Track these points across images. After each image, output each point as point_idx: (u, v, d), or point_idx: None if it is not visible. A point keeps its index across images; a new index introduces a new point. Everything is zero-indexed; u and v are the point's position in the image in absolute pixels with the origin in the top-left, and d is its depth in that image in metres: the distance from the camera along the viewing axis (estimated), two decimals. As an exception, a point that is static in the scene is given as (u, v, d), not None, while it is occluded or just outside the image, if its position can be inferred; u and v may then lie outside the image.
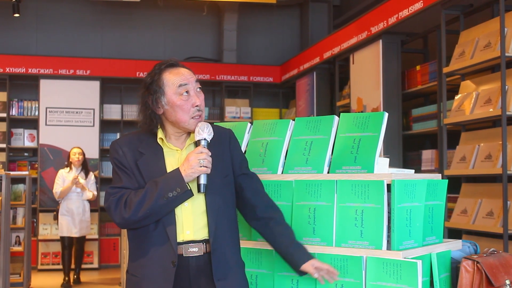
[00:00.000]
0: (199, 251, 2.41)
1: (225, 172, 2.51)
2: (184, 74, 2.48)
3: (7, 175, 6.04)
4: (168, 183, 2.35)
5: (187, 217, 2.42)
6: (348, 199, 2.56)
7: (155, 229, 2.39)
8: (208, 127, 2.44)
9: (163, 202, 2.33)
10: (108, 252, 9.75)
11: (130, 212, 2.35)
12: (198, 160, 2.35)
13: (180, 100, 2.44)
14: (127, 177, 2.44)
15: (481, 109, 5.06)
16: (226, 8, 10.31)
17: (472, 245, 2.80)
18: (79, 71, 9.79)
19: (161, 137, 2.50)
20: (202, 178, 2.37)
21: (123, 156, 2.46)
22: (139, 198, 2.34)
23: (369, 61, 7.17)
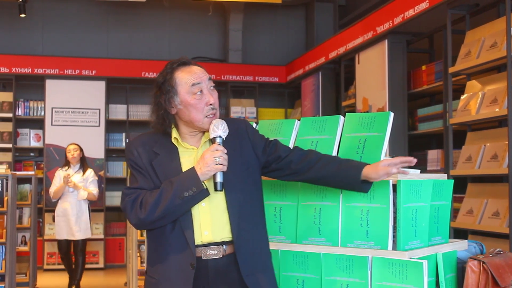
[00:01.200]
0: (218, 254, 2.37)
1: (246, 164, 2.46)
2: (197, 72, 2.45)
3: (13, 175, 6.06)
4: (183, 182, 2.31)
5: (205, 217, 2.38)
6: (353, 199, 2.56)
7: (173, 231, 2.36)
8: (223, 124, 2.40)
9: (179, 202, 2.30)
10: (113, 252, 9.76)
11: (146, 213, 2.32)
12: (213, 158, 2.31)
13: (193, 99, 2.40)
14: (143, 178, 2.42)
15: (487, 109, 5.05)
16: (231, 8, 10.31)
17: (478, 245, 2.79)
18: (85, 71, 9.81)
19: (176, 137, 2.47)
20: (218, 176, 2.33)
21: (138, 157, 2.44)
22: (154, 198, 2.31)
23: (374, 61, 7.16)
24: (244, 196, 2.42)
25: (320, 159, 2.47)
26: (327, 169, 2.44)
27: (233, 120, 2.55)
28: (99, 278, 8.91)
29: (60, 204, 7.58)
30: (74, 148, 7.71)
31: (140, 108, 10.10)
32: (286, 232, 2.75)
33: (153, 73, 9.95)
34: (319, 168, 2.45)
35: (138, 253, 5.87)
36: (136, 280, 5.99)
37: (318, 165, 2.45)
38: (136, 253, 5.91)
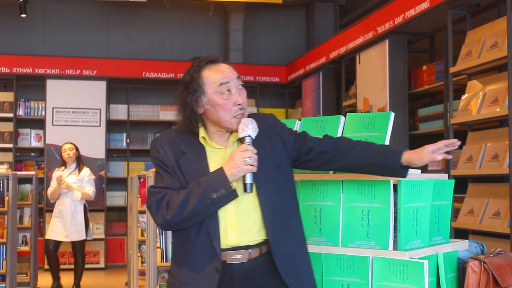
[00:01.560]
0: (243, 258, 2.31)
1: (277, 161, 2.39)
2: (225, 71, 2.37)
3: (14, 175, 6.06)
4: (212, 183, 2.23)
5: (231, 220, 2.31)
6: (354, 199, 2.56)
7: (199, 233, 2.29)
8: (252, 123, 2.33)
9: (207, 203, 2.23)
10: (114, 252, 9.76)
11: (172, 214, 2.25)
12: (243, 159, 2.23)
13: (221, 99, 2.33)
14: (169, 177, 2.35)
15: (488, 109, 5.04)
16: (232, 8, 10.31)
17: (479, 245, 2.79)
18: (85, 71, 9.82)
19: (204, 136, 2.40)
20: (248, 177, 2.25)
21: (164, 155, 2.37)
22: (181, 199, 2.24)
23: (375, 61, 7.16)
24: (278, 195, 2.35)
25: (354, 146, 2.39)
26: (363, 156, 2.36)
27: (259, 115, 2.47)
28: (100, 278, 8.91)
29: (56, 205, 7.51)
30: (70, 148, 7.57)
31: (141, 108, 10.10)
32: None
33: (153, 73, 9.96)
34: (354, 156, 2.37)
35: (139, 253, 5.87)
36: (137, 280, 5.99)
37: (353, 153, 2.37)
38: (137, 253, 5.91)
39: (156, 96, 10.49)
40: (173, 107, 10.09)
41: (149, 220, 4.80)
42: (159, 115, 10.14)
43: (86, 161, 9.61)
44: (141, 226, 5.90)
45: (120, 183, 10.10)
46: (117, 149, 10.14)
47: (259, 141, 2.34)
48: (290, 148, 2.43)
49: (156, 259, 4.62)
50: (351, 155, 2.38)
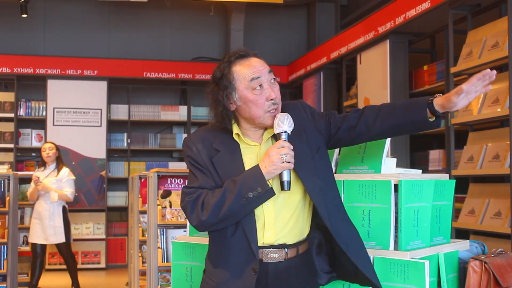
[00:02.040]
0: (280, 257, 2.25)
1: (316, 146, 2.33)
2: (256, 66, 2.29)
3: (15, 175, 6.06)
4: (248, 182, 2.17)
5: (269, 217, 2.25)
6: (355, 199, 2.55)
7: (235, 233, 2.24)
8: (288, 118, 2.25)
9: (243, 202, 2.16)
10: (115, 252, 9.76)
11: (208, 214, 2.18)
12: (280, 156, 2.17)
13: (253, 95, 2.27)
14: (203, 176, 2.28)
15: (488, 109, 5.04)
16: (233, 8, 10.31)
17: (480, 246, 2.79)
18: (86, 72, 9.82)
19: (237, 133, 2.33)
20: (285, 174, 2.19)
21: (197, 154, 2.31)
22: (217, 199, 2.18)
23: (376, 61, 7.16)
24: (322, 180, 2.29)
25: (378, 113, 2.30)
26: (390, 120, 2.28)
27: (288, 104, 2.40)
28: (101, 278, 8.92)
29: (35, 207, 7.25)
30: (50, 147, 7.33)
31: (142, 108, 10.10)
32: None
33: (154, 73, 9.96)
34: (381, 123, 2.29)
35: (140, 253, 5.87)
36: (138, 280, 5.99)
37: (378, 121, 2.29)
38: (138, 253, 5.91)
39: (157, 96, 10.50)
40: (174, 107, 10.11)
41: (150, 220, 4.80)
42: (160, 115, 10.14)
43: (87, 161, 9.64)
44: (142, 226, 5.90)
45: (121, 183, 10.10)
46: (118, 149, 10.14)
47: (293, 130, 2.28)
48: (323, 131, 2.37)
49: (157, 259, 4.62)
50: (377, 123, 2.30)
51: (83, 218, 9.67)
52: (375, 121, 2.30)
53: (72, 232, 7.72)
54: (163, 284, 4.68)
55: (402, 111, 2.26)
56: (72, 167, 9.55)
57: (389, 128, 2.30)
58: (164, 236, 4.64)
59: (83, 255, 9.54)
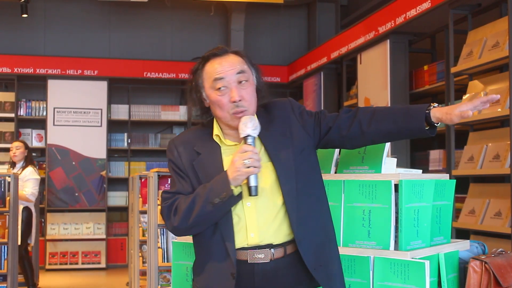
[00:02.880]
0: (265, 258, 2.19)
1: (300, 148, 2.26)
2: (224, 65, 2.23)
3: (15, 175, 6.06)
4: (215, 188, 2.14)
5: (250, 218, 2.20)
6: (355, 199, 2.55)
7: (213, 237, 2.21)
8: (252, 121, 2.18)
9: (210, 208, 2.13)
10: (115, 252, 9.77)
11: (179, 220, 2.18)
12: (242, 161, 2.10)
13: (215, 95, 2.22)
14: (181, 181, 2.26)
15: (489, 109, 5.04)
16: (233, 8, 10.31)
17: (480, 246, 2.79)
18: (86, 71, 9.82)
19: (217, 134, 2.29)
20: (252, 180, 2.13)
21: (178, 158, 2.28)
22: (187, 205, 2.16)
23: (376, 61, 7.16)
24: (302, 183, 2.22)
25: (372, 117, 2.23)
26: (384, 126, 2.23)
27: (277, 102, 2.36)
28: (101, 278, 8.92)
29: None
30: (17, 146, 7.11)
31: (142, 108, 10.11)
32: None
33: (155, 73, 9.96)
34: (376, 128, 2.23)
35: (140, 253, 5.87)
36: (138, 280, 5.99)
37: (373, 125, 2.23)
38: (138, 253, 5.91)
39: (157, 96, 10.50)
40: (174, 107, 10.11)
41: (150, 220, 4.81)
42: (160, 115, 10.14)
43: (87, 161, 9.64)
44: (142, 226, 5.90)
45: (121, 183, 10.11)
46: (118, 149, 10.15)
47: (278, 129, 2.26)
48: (311, 131, 2.31)
49: (157, 259, 4.62)
50: (372, 128, 2.24)
51: (84, 218, 9.68)
52: (370, 125, 2.24)
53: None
54: (163, 284, 4.68)
55: (399, 118, 2.21)
56: (73, 167, 9.59)
57: (383, 133, 2.26)
58: (164, 236, 4.65)
59: (83, 255, 9.54)
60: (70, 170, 9.65)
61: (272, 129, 2.27)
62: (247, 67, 2.32)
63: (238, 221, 2.21)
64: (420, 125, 2.17)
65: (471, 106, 2.10)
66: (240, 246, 2.20)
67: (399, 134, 2.26)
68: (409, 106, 2.26)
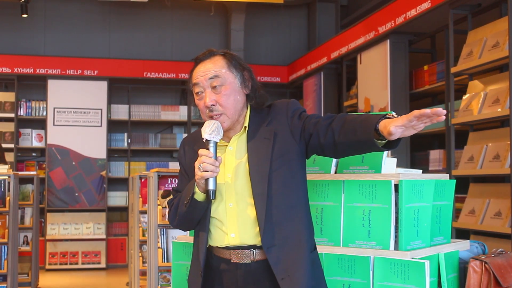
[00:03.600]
0: (246, 259, 2.21)
1: (281, 152, 2.23)
2: (200, 71, 2.28)
3: (15, 175, 6.06)
4: (187, 189, 2.28)
5: (231, 218, 2.23)
6: (355, 199, 2.55)
7: (196, 236, 2.34)
8: (210, 126, 2.20)
9: (184, 209, 2.26)
10: (115, 252, 9.76)
11: (170, 218, 2.37)
12: (198, 165, 2.17)
13: (196, 100, 2.33)
14: (181, 179, 2.42)
15: (489, 109, 5.04)
16: (233, 8, 10.31)
17: (480, 246, 2.79)
18: (86, 72, 9.82)
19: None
20: (210, 183, 2.17)
21: (183, 156, 2.42)
22: (175, 204, 2.35)
23: (376, 61, 7.16)
24: (276, 188, 2.20)
25: (342, 127, 2.13)
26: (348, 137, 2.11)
27: (277, 104, 2.35)
28: (101, 278, 8.92)
29: None
30: None
31: (142, 108, 10.11)
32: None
33: (155, 73, 9.96)
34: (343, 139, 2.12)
35: (140, 253, 5.87)
36: (138, 280, 5.99)
37: (341, 137, 2.13)
38: (138, 253, 5.91)
39: (157, 96, 10.50)
40: (174, 107, 10.11)
41: (150, 220, 4.80)
42: (160, 115, 10.14)
43: (88, 161, 9.64)
44: (142, 226, 5.90)
45: (121, 183, 10.11)
46: (118, 149, 10.15)
47: (263, 130, 2.27)
48: (297, 137, 2.27)
49: (157, 259, 4.62)
50: (340, 139, 2.14)
51: (84, 218, 9.68)
52: (339, 136, 2.13)
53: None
54: (163, 284, 4.68)
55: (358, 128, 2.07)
56: (73, 167, 9.59)
57: (348, 145, 2.14)
58: (165, 236, 4.65)
59: (83, 255, 9.54)
60: (70, 170, 9.65)
61: (260, 131, 2.28)
62: (225, 71, 2.28)
63: (219, 221, 2.27)
64: (371, 138, 2.01)
65: (405, 122, 1.90)
66: (222, 245, 2.26)
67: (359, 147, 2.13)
68: (369, 114, 2.10)
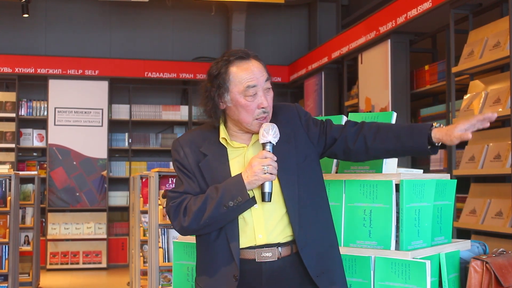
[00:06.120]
0: (273, 256, 2.21)
1: (303, 155, 2.28)
2: (254, 72, 2.23)
3: (16, 175, 6.07)
4: (229, 190, 2.16)
5: (258, 219, 2.22)
6: (356, 199, 2.55)
7: (217, 238, 2.23)
8: (273, 128, 2.21)
9: (224, 211, 2.15)
10: (116, 252, 9.76)
11: (189, 220, 2.19)
12: (261, 167, 2.13)
13: (245, 100, 2.22)
14: (189, 181, 2.28)
15: (490, 109, 5.04)
16: (234, 8, 10.31)
17: (481, 245, 2.78)
18: (87, 71, 9.82)
19: (224, 137, 2.30)
20: (266, 186, 2.16)
21: (184, 158, 2.29)
22: (198, 206, 2.18)
23: (377, 60, 7.16)
24: (303, 190, 2.25)
25: (377, 133, 2.28)
26: (388, 142, 2.27)
27: (283, 107, 2.37)
28: (102, 277, 8.92)
29: None
30: None
31: (143, 108, 10.11)
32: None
33: (155, 73, 9.96)
34: (379, 144, 2.28)
35: (141, 253, 5.87)
36: (139, 280, 5.99)
37: (378, 141, 2.28)
38: (139, 253, 5.91)
39: (158, 96, 10.50)
40: (175, 107, 10.11)
41: (151, 220, 4.81)
42: (161, 115, 10.14)
43: (88, 161, 9.64)
44: (143, 226, 5.91)
45: (122, 183, 10.11)
46: (119, 149, 10.15)
47: (282, 134, 2.25)
48: (315, 140, 2.34)
49: (158, 259, 4.62)
50: (376, 144, 2.28)
51: (85, 217, 9.68)
52: (374, 141, 2.29)
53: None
54: (164, 284, 4.68)
55: (402, 136, 2.26)
56: (74, 167, 9.60)
57: (387, 150, 2.30)
58: (165, 236, 4.65)
59: (84, 255, 9.54)
60: (71, 170, 9.65)
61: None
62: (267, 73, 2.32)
63: (245, 223, 2.23)
64: (423, 144, 2.21)
65: (468, 125, 2.18)
66: (247, 245, 2.22)
67: (402, 152, 2.32)
68: (412, 125, 2.30)
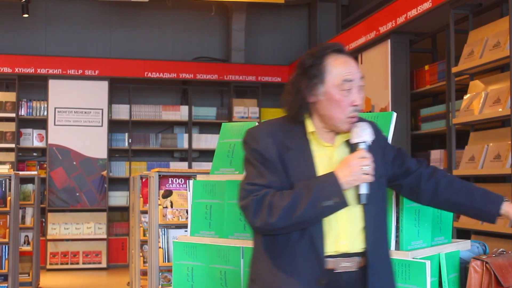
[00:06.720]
0: (353, 266, 2.10)
1: (379, 173, 2.14)
2: (352, 68, 2.17)
3: (16, 175, 6.07)
4: (324, 189, 2.01)
5: (343, 225, 2.11)
6: (356, 199, 2.55)
7: (301, 240, 2.07)
8: (369, 128, 2.12)
9: (316, 211, 2.01)
10: (116, 252, 9.76)
11: (276, 218, 2.00)
12: (360, 167, 2.03)
13: (340, 95, 2.10)
14: (271, 174, 2.09)
15: (490, 109, 5.04)
16: (234, 8, 10.31)
17: (481, 246, 2.78)
18: (87, 71, 9.82)
19: (313, 131, 2.16)
20: (364, 187, 2.07)
21: (266, 149, 2.11)
22: (287, 202, 2.00)
23: (377, 61, 7.16)
24: (377, 207, 2.16)
25: (450, 183, 2.29)
26: (460, 197, 2.28)
27: (361, 119, 2.23)
28: (102, 278, 8.92)
29: None
30: None
31: (143, 108, 10.10)
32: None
33: (156, 73, 9.96)
34: (451, 195, 2.28)
35: (141, 253, 5.87)
36: (139, 280, 5.99)
37: (450, 192, 2.28)
38: (139, 253, 5.91)
39: (158, 96, 10.50)
40: (175, 107, 10.10)
41: (151, 220, 4.80)
42: (161, 115, 10.14)
43: (88, 161, 9.64)
44: (143, 226, 5.90)
45: (122, 183, 10.10)
46: (119, 149, 10.15)
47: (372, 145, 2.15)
48: (389, 164, 2.26)
49: (158, 259, 4.62)
50: (446, 193, 2.28)
51: (85, 218, 9.67)
52: (446, 189, 2.28)
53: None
54: (164, 284, 4.68)
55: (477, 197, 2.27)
56: (73, 167, 9.60)
57: (455, 202, 2.30)
58: (165, 236, 4.65)
59: (84, 255, 9.54)
60: (71, 170, 9.65)
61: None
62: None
63: (328, 226, 2.10)
64: (495, 212, 2.26)
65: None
66: (328, 253, 2.09)
67: (467, 210, 2.33)
68: (486, 190, 2.32)
